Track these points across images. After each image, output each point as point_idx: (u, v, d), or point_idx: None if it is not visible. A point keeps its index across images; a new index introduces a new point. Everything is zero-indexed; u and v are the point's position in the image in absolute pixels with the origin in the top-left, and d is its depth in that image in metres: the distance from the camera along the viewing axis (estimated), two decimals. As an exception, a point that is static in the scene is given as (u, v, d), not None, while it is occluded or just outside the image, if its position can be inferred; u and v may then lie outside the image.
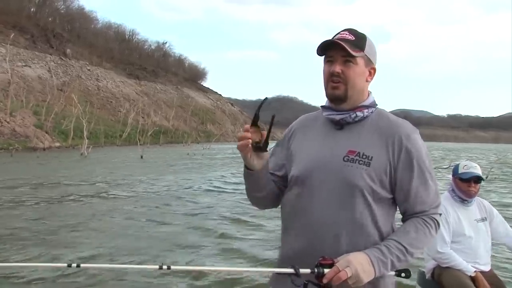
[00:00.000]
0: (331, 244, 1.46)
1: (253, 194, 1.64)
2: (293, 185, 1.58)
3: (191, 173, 18.58)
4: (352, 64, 1.50)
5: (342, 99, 1.52)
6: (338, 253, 1.41)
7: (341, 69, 1.50)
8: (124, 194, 11.81)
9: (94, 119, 45.50)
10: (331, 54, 1.52)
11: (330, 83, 1.53)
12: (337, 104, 1.54)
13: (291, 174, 1.59)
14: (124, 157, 28.12)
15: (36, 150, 29.65)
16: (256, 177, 1.55)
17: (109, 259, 5.23)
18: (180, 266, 1.53)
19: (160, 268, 1.37)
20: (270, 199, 1.66)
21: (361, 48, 1.52)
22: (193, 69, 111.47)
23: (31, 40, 58.95)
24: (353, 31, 1.55)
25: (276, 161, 1.67)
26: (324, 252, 1.42)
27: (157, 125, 59.17)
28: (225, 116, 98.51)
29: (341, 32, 1.55)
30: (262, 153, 1.50)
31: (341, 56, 1.50)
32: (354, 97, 1.53)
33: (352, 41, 1.51)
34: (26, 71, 51.34)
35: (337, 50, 1.50)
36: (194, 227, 7.75)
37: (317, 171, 1.51)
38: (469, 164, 3.09)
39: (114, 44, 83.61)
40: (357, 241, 1.45)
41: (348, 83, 1.51)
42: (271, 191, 1.63)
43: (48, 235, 6.76)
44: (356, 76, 1.52)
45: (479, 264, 2.94)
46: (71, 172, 17.39)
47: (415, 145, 1.51)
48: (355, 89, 1.53)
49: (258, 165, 1.51)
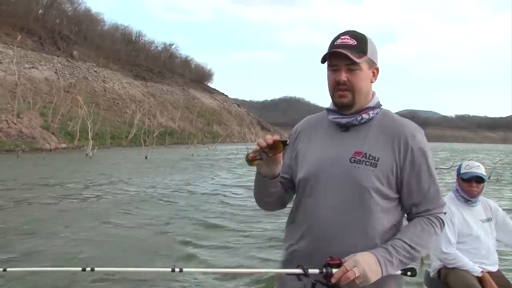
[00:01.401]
0: (339, 244, 1.47)
1: (262, 199, 1.66)
2: (301, 186, 1.59)
3: (189, 174, 18.66)
4: (357, 71, 1.51)
5: (350, 106, 1.54)
6: (346, 253, 1.42)
7: (346, 77, 1.50)
8: (117, 192, 11.89)
9: (100, 120, 45.81)
10: (335, 62, 1.52)
11: (337, 92, 1.53)
12: (344, 111, 1.56)
13: (299, 176, 1.60)
14: (128, 158, 28.28)
15: (42, 151, 29.89)
16: (268, 183, 1.57)
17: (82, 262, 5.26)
18: (192, 268, 1.58)
19: (173, 270, 1.40)
20: (278, 203, 1.68)
21: (364, 52, 1.51)
22: (199, 70, 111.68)
23: (39, 42, 59.45)
24: (354, 34, 1.54)
25: (283, 164, 1.66)
26: (332, 252, 1.43)
27: (163, 126, 59.40)
28: (232, 117, 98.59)
29: (341, 36, 1.53)
30: (276, 163, 1.52)
31: (345, 65, 1.50)
32: (361, 101, 1.55)
33: (355, 46, 1.50)
34: (33, 73, 51.78)
35: (341, 58, 1.50)
36: (181, 228, 7.74)
37: (324, 172, 1.53)
38: (471, 164, 3.08)
39: (121, 45, 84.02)
40: (364, 241, 1.47)
41: (355, 90, 1.52)
42: (279, 196, 1.65)
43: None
44: (362, 82, 1.52)
45: (486, 264, 2.92)
46: (73, 172, 17.54)
47: (420, 145, 1.52)
48: (362, 94, 1.54)
49: (269, 172, 1.54)
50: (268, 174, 1.54)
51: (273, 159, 1.50)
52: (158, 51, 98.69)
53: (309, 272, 1.39)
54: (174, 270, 1.40)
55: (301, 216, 1.58)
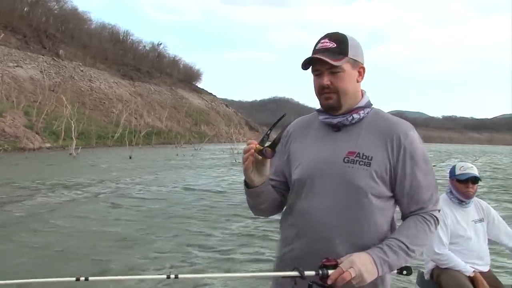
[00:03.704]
0: (335, 244, 1.48)
1: (256, 207, 1.66)
2: (295, 188, 1.59)
3: (167, 174, 18.61)
4: (340, 73, 1.51)
5: (337, 108, 1.55)
6: (341, 253, 1.43)
7: (329, 80, 1.52)
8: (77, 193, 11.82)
9: (86, 120, 45.36)
10: (317, 67, 1.53)
11: (322, 95, 1.55)
12: (333, 112, 1.56)
13: (293, 178, 1.60)
14: (111, 158, 27.99)
15: (25, 151, 29.54)
16: (257, 193, 1.58)
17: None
18: (187, 275, 1.58)
19: (168, 277, 1.39)
20: (273, 207, 1.68)
21: (344, 54, 1.51)
22: (188, 70, 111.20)
23: (23, 41, 58.63)
24: (334, 35, 1.54)
25: (276, 167, 1.69)
26: (327, 253, 1.44)
27: (150, 126, 59.05)
28: (219, 117, 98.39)
29: (321, 40, 1.55)
30: (264, 170, 1.53)
31: (326, 69, 1.51)
32: (348, 101, 1.55)
33: (334, 48, 1.50)
34: (17, 71, 51.06)
35: (321, 63, 1.51)
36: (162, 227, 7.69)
37: (318, 173, 1.53)
38: (465, 165, 3.13)
39: (109, 45, 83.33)
40: (360, 241, 1.47)
41: (340, 92, 1.52)
42: (273, 200, 1.65)
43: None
44: (345, 84, 1.53)
45: (478, 264, 2.98)
46: (48, 171, 17.34)
47: (413, 142, 1.53)
48: (348, 95, 1.54)
49: (257, 181, 1.54)
50: (256, 181, 1.54)
51: (259, 165, 1.51)
52: (146, 50, 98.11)
53: (305, 274, 1.38)
54: (170, 277, 1.39)
55: (296, 217, 1.58)
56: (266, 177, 1.55)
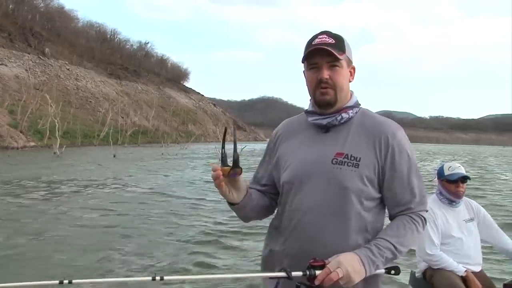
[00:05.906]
0: (323, 245, 1.48)
1: (245, 217, 1.67)
2: (285, 190, 1.59)
3: (149, 172, 18.70)
4: (338, 68, 1.51)
5: (332, 104, 1.54)
6: (330, 254, 1.43)
7: (328, 74, 1.51)
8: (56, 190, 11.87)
9: (72, 119, 45.21)
10: (316, 60, 1.52)
11: (318, 90, 1.53)
12: (326, 109, 1.55)
13: (282, 180, 1.60)
14: (95, 157, 27.90)
15: (8, 150, 29.47)
16: (242, 207, 1.57)
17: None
18: (173, 276, 1.67)
19: (153, 279, 1.38)
20: (263, 213, 1.69)
21: (343, 51, 1.52)
22: (175, 70, 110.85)
23: (8, 39, 58.10)
24: (331, 33, 1.55)
25: (265, 170, 1.70)
26: (315, 253, 1.44)
27: (137, 125, 58.97)
28: (207, 117, 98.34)
29: (319, 36, 1.54)
30: (239, 185, 1.51)
31: (326, 62, 1.50)
32: (342, 99, 1.55)
33: (334, 44, 1.51)
34: (2, 69, 50.69)
35: (322, 56, 1.50)
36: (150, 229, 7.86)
37: (307, 175, 1.53)
38: (453, 165, 3.14)
39: (96, 43, 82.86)
40: (348, 242, 1.48)
41: (337, 87, 1.52)
42: (261, 207, 1.66)
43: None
44: (343, 79, 1.53)
45: (470, 264, 2.98)
46: (29, 170, 17.35)
47: (401, 143, 1.53)
48: (343, 92, 1.54)
49: (238, 197, 1.53)
50: (236, 198, 1.54)
51: (232, 182, 1.49)
52: (134, 49, 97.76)
53: (293, 275, 1.39)
54: (155, 278, 1.38)
55: (284, 218, 1.58)
56: (245, 189, 1.55)
